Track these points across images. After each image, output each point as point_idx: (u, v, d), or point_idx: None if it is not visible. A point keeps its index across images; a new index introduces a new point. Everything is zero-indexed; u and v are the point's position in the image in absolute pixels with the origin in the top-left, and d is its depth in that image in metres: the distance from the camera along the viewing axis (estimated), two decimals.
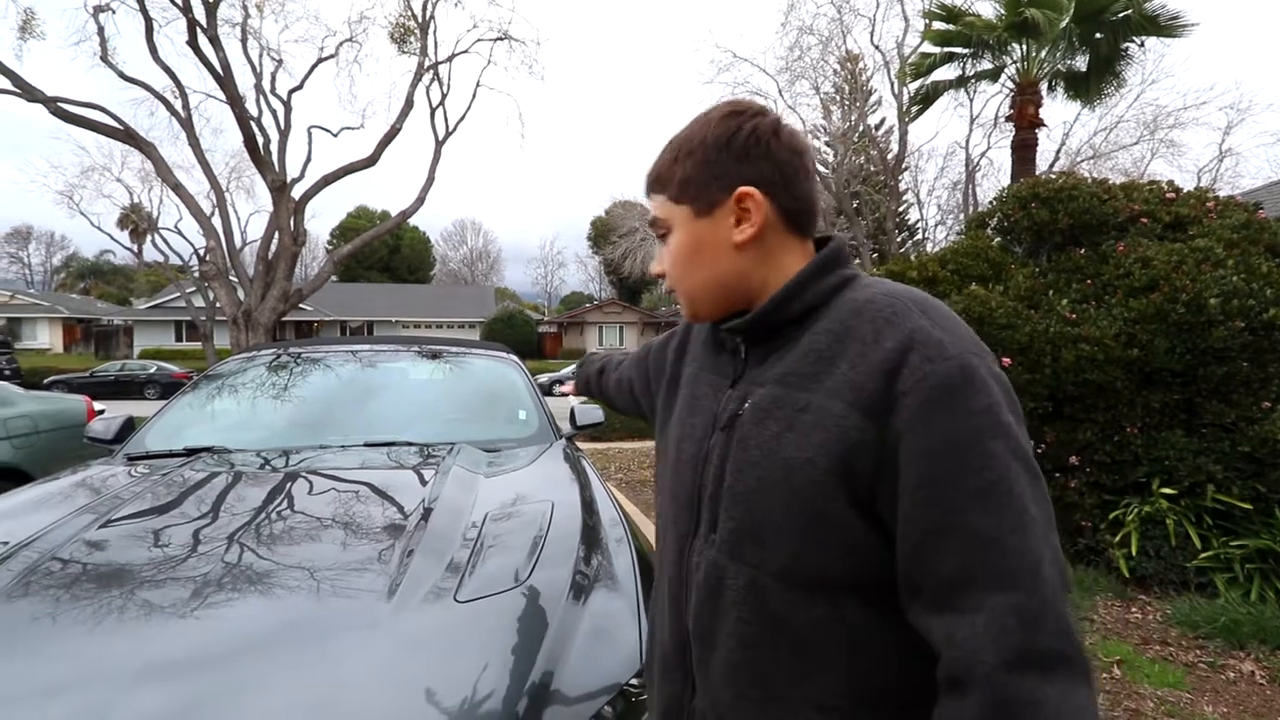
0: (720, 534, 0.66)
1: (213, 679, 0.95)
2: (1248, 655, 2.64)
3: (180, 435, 2.23)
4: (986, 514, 0.52)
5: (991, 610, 0.50)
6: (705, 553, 0.68)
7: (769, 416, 0.64)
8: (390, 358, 2.85)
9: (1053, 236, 4.09)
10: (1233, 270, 3.27)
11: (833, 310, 0.65)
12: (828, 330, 0.63)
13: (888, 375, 0.56)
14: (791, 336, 0.67)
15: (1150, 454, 3.33)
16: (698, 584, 0.68)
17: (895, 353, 0.57)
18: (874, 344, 0.58)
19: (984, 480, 0.52)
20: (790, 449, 0.60)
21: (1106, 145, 18.49)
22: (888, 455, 0.55)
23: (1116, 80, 9.65)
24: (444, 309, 36.36)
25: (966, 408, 0.54)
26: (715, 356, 0.78)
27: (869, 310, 0.61)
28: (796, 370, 0.63)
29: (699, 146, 0.69)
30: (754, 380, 0.68)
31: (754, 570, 0.63)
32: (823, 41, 16.83)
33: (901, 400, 0.55)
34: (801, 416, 0.60)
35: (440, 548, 1.31)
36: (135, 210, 23.89)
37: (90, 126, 9.61)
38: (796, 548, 0.60)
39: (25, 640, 1.03)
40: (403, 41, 12.51)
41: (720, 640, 0.66)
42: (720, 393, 0.72)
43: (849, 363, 0.59)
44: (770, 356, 0.68)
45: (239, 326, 9.78)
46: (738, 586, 0.64)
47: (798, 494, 0.59)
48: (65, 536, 1.35)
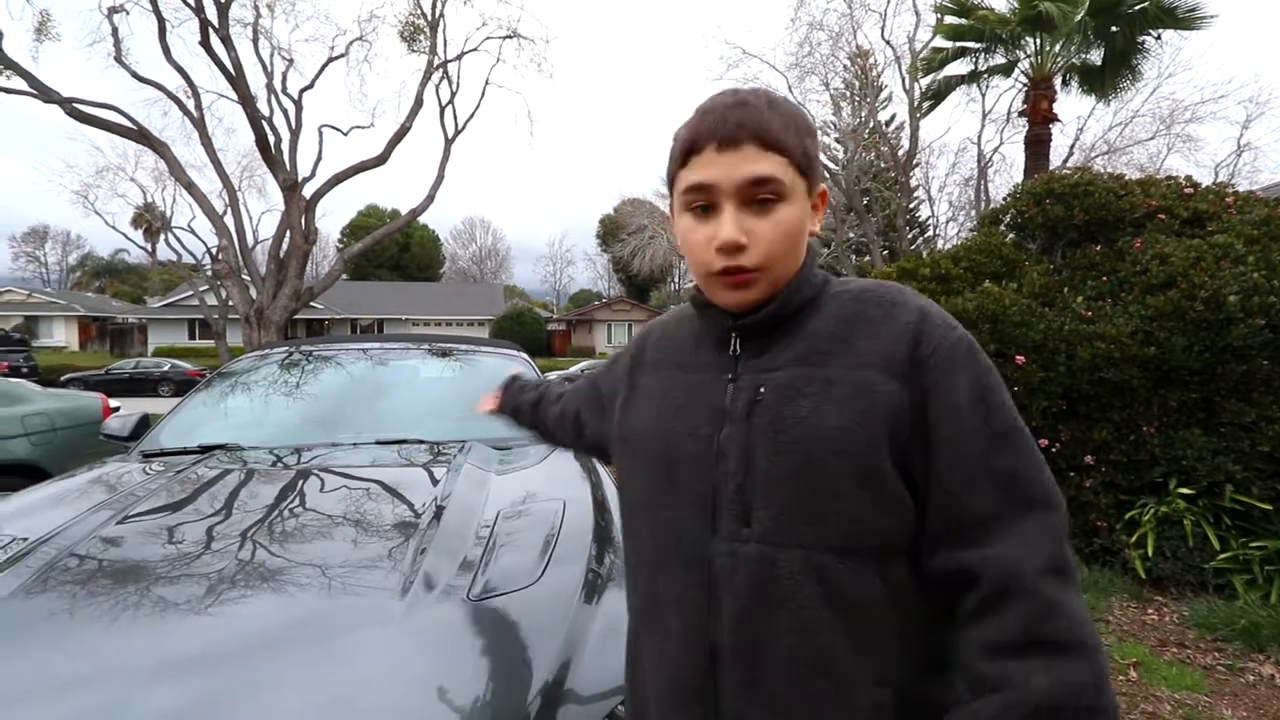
0: (759, 524, 0.63)
1: (228, 676, 0.95)
2: (1268, 658, 2.60)
3: (194, 433, 2.25)
4: (1016, 454, 0.61)
5: (1024, 531, 0.59)
6: (740, 550, 0.63)
7: (799, 394, 0.64)
8: (401, 355, 2.86)
9: (1068, 233, 4.04)
10: (1253, 267, 3.22)
11: (825, 302, 0.69)
12: (832, 317, 0.67)
13: (911, 343, 0.63)
14: (791, 327, 0.69)
15: (1167, 453, 3.28)
16: (735, 588, 0.63)
17: (913, 324, 0.64)
18: (888, 319, 0.65)
19: (1007, 424, 0.62)
20: (832, 419, 0.62)
21: (1121, 140, 18.26)
22: (919, 413, 0.62)
23: (1132, 74, 9.53)
24: (453, 307, 36.51)
25: (980, 366, 0.64)
26: (693, 353, 0.75)
27: (871, 296, 0.68)
28: (817, 349, 0.66)
29: (812, 130, 0.69)
30: (760, 368, 0.68)
31: (809, 551, 0.61)
32: (833, 37, 16.71)
33: (927, 362, 0.62)
34: (834, 389, 0.63)
35: (453, 545, 1.31)
36: (149, 209, 24.15)
37: (105, 127, 9.72)
38: (855, 512, 0.61)
39: (44, 636, 1.04)
40: (412, 40, 12.56)
41: (778, 637, 0.62)
42: (718, 386, 0.69)
43: (868, 338, 0.64)
44: (773, 347, 0.68)
45: (251, 325, 9.86)
46: (793, 573, 0.61)
47: (851, 459, 0.61)
48: (83, 533, 1.36)
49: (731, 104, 0.65)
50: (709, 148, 0.65)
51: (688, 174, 0.67)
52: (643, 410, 0.76)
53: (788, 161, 0.65)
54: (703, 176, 0.65)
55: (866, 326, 0.65)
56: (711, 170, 0.65)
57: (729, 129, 0.64)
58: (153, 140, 9.95)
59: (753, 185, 0.64)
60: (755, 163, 0.63)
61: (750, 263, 0.65)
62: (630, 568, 0.78)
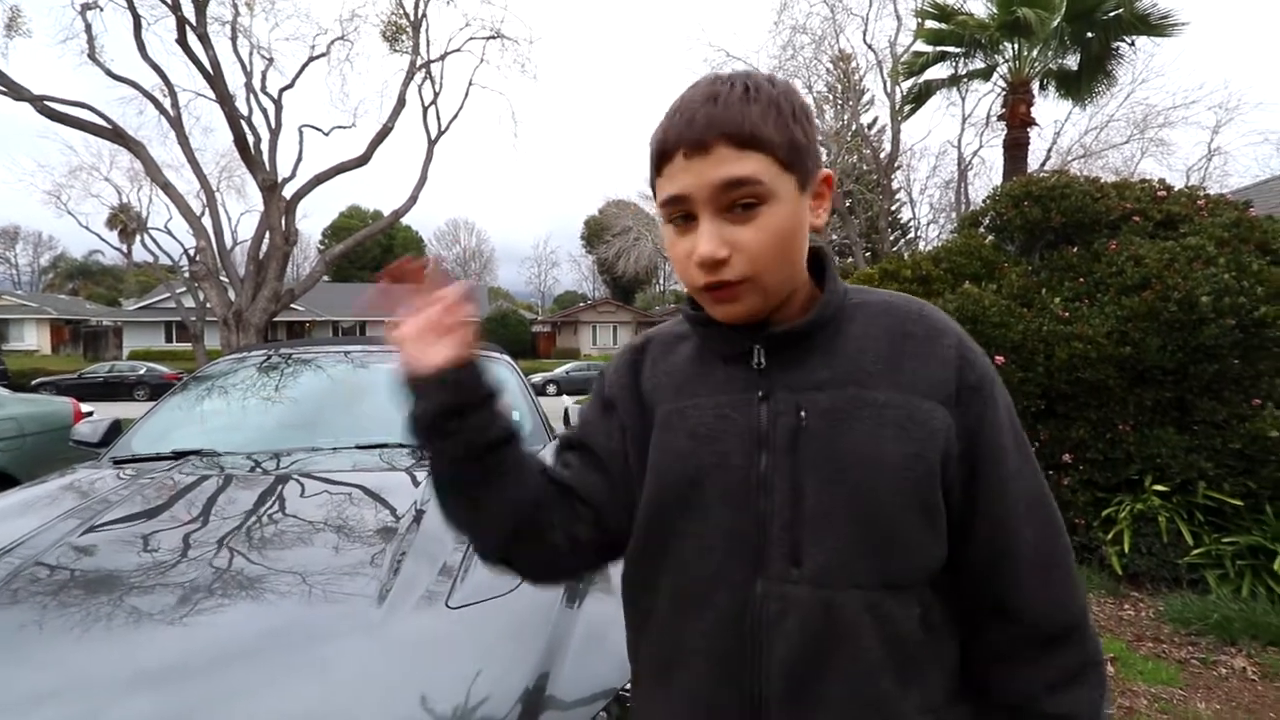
0: (811, 564, 0.58)
1: (201, 687, 0.93)
2: (1239, 651, 2.65)
3: (168, 438, 2.21)
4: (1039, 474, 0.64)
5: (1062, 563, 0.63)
6: (791, 592, 0.58)
7: (851, 419, 0.58)
8: (382, 358, 2.83)
9: (1045, 235, 4.11)
10: (1224, 268, 3.29)
11: (852, 313, 0.64)
12: (869, 333, 0.62)
13: (957, 370, 0.61)
14: (820, 339, 0.62)
15: (1142, 451, 3.34)
16: (786, 632, 0.57)
17: (954, 350, 0.61)
18: (932, 341, 0.62)
19: (1028, 450, 0.64)
20: (891, 444, 0.58)
21: (1097, 144, 18.60)
22: (964, 439, 0.60)
23: (1107, 79, 9.71)
24: None
25: (1006, 393, 0.64)
26: (702, 376, 0.66)
27: (902, 313, 0.64)
28: (861, 368, 0.60)
29: (802, 112, 0.59)
30: (796, 387, 0.60)
31: (866, 591, 0.57)
32: (815, 40, 16.85)
33: (971, 393, 0.60)
34: (888, 413, 0.59)
35: (433, 551, 1.29)
36: (124, 210, 23.72)
37: (78, 125, 9.52)
38: (913, 545, 0.59)
39: (9, 647, 1.01)
40: (395, 40, 12.46)
41: (835, 682, 0.57)
42: (749, 409, 0.61)
43: (914, 359, 0.61)
44: (804, 360, 0.62)
45: (230, 327, 9.71)
46: (854, 612, 0.57)
47: (911, 491, 0.58)
48: (50, 541, 1.33)
49: (702, 99, 0.57)
50: (678, 154, 0.58)
51: (662, 185, 0.60)
52: (661, 441, 0.65)
53: (768, 158, 0.56)
54: (675, 187, 0.58)
55: (910, 345, 0.61)
56: (683, 179, 0.58)
57: (696, 132, 0.56)
58: (128, 139, 9.77)
59: (727, 189, 0.56)
60: (728, 165, 0.56)
61: (734, 276, 0.58)
62: (635, 625, 0.69)
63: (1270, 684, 2.43)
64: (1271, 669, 2.51)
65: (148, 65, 10.13)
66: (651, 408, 0.67)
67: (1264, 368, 3.25)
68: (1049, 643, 0.61)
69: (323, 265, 12.01)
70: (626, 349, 0.75)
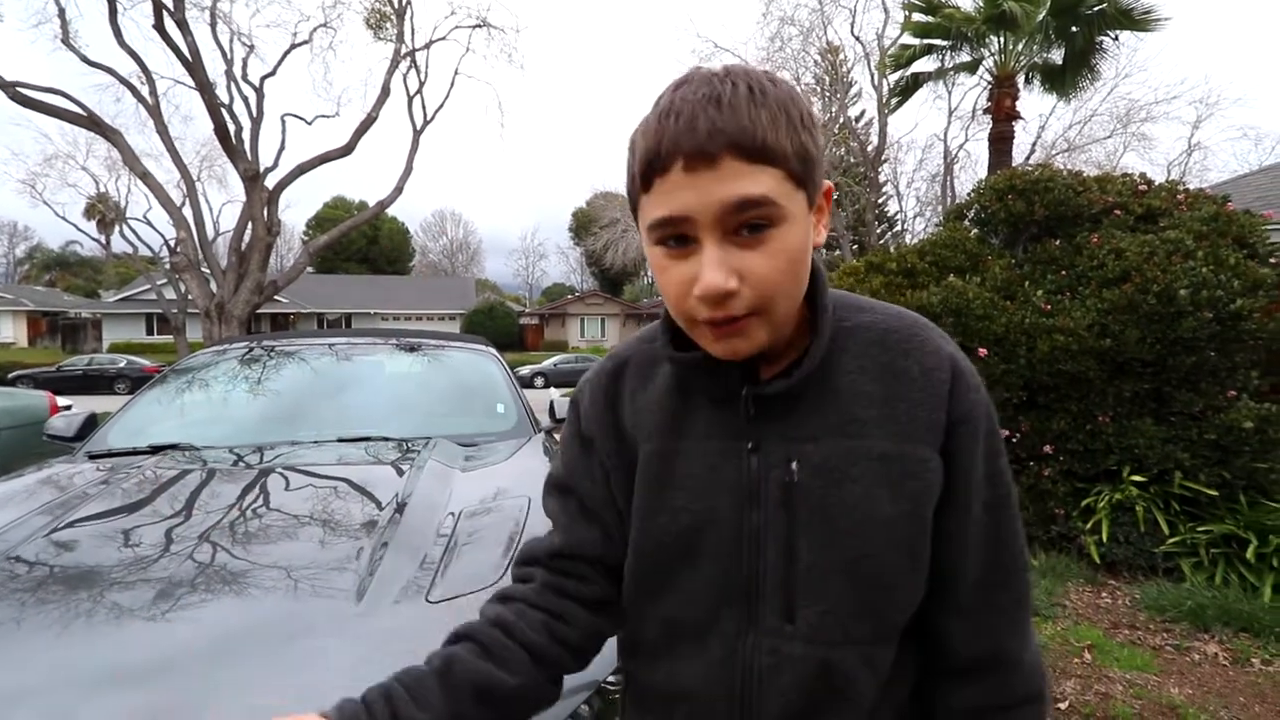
0: (804, 622, 0.56)
1: (177, 683, 0.92)
2: (1212, 637, 2.71)
3: (145, 432, 2.17)
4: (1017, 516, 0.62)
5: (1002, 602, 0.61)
6: (784, 648, 0.57)
7: (845, 477, 0.55)
8: (366, 351, 2.80)
9: (1029, 228, 4.14)
10: (1202, 262, 3.34)
11: (841, 339, 0.59)
12: (862, 369, 0.57)
13: (946, 408, 0.57)
14: (811, 377, 0.57)
15: (1121, 442, 3.40)
16: (781, 688, 0.57)
17: (946, 385, 0.57)
18: (925, 378, 0.57)
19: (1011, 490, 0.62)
20: (887, 504, 0.55)
21: (1081, 138, 18.78)
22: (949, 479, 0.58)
23: (1091, 74, 9.80)
24: (424, 301, 35.98)
25: (997, 427, 0.61)
26: (686, 415, 0.61)
27: (895, 342, 0.58)
28: (856, 417, 0.56)
29: (812, 118, 0.52)
30: (789, 436, 0.57)
31: (861, 647, 0.57)
32: (804, 32, 16.83)
33: (959, 428, 0.57)
34: (883, 467, 0.55)
35: (413, 545, 1.28)
36: (102, 200, 23.27)
37: (52, 113, 9.30)
38: (908, 599, 0.58)
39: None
40: (379, 28, 12.28)
41: None
42: (736, 459, 0.58)
43: (909, 402, 0.56)
44: (794, 404, 0.57)
45: (212, 319, 9.58)
46: (851, 668, 0.57)
47: (906, 547, 0.56)
48: (21, 537, 1.30)
49: (702, 101, 0.48)
50: (675, 166, 0.49)
51: (652, 203, 0.51)
52: (651, 494, 0.61)
53: (781, 173, 0.49)
54: (672, 208, 0.50)
55: (904, 386, 0.57)
56: (682, 197, 0.49)
57: (699, 140, 0.48)
58: (104, 127, 9.56)
59: (738, 211, 0.48)
60: (738, 182, 0.48)
61: (743, 309, 0.50)
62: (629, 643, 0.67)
63: (1241, 669, 2.49)
64: (1242, 654, 2.57)
65: (124, 51, 9.91)
66: (633, 444, 0.63)
67: (1239, 360, 3.31)
68: (978, 671, 0.61)
69: (307, 256, 11.84)
70: (600, 377, 0.68)
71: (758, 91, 0.49)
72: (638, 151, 0.52)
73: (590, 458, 0.66)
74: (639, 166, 0.51)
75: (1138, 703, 2.25)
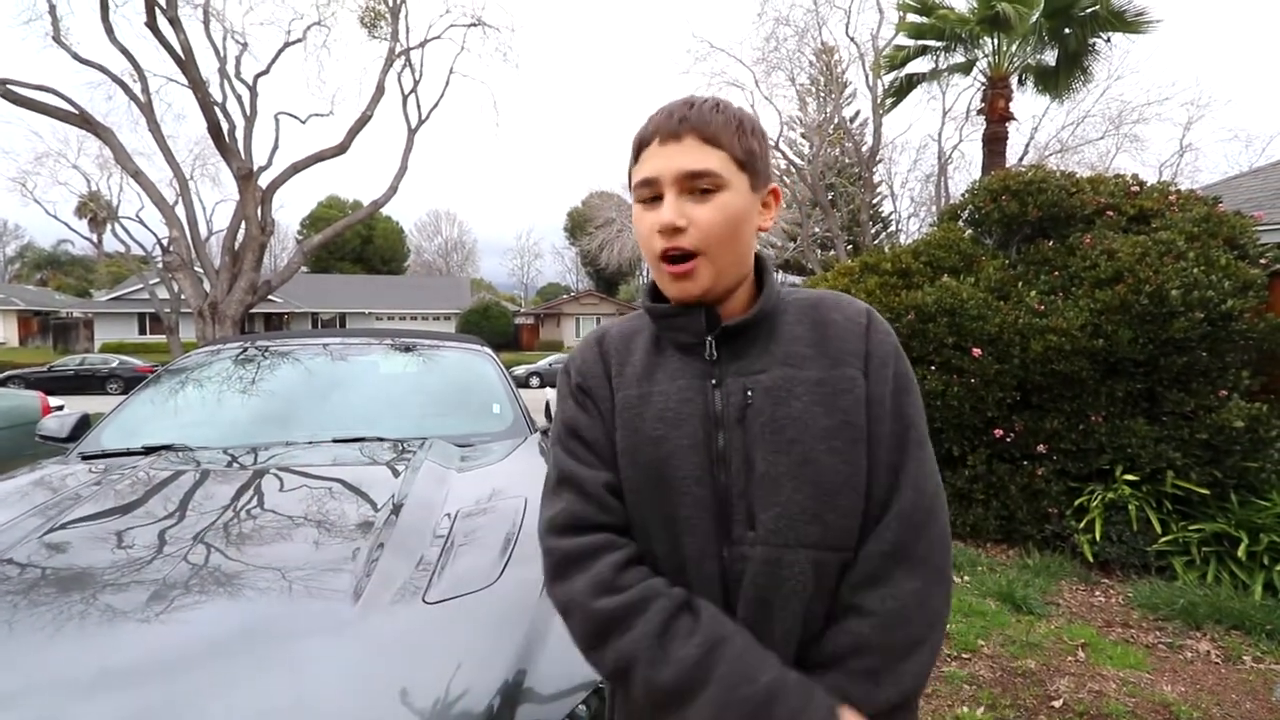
0: (762, 527, 0.67)
1: (171, 686, 0.91)
2: (1204, 635, 2.73)
3: (139, 432, 2.16)
4: (922, 416, 0.73)
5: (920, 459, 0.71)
6: (747, 553, 0.68)
7: (789, 395, 0.69)
8: (361, 351, 2.79)
9: (1022, 229, 4.17)
10: (1193, 263, 3.37)
11: (785, 308, 0.76)
12: (799, 322, 0.74)
13: (865, 339, 0.73)
14: (762, 331, 0.74)
15: (1114, 442, 3.42)
16: (744, 588, 0.68)
17: (864, 326, 0.73)
18: (848, 321, 0.73)
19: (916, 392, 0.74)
20: (823, 417, 0.68)
21: (1073, 139, 18.86)
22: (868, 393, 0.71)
23: (1084, 75, 9.85)
24: (418, 300, 35.85)
25: (900, 352, 0.75)
26: (662, 365, 0.75)
27: (827, 303, 0.76)
28: (798, 353, 0.71)
29: (761, 132, 0.74)
30: (743, 372, 0.71)
31: (811, 550, 0.67)
32: (799, 33, 16.85)
33: (871, 359, 0.72)
34: (819, 389, 0.69)
35: (410, 546, 1.28)
36: (94, 198, 23.09)
37: (43, 110, 9.22)
38: (850, 505, 0.68)
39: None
40: (373, 26, 12.22)
41: (778, 627, 0.67)
42: (703, 394, 0.72)
43: (836, 339, 0.72)
44: (747, 351, 0.73)
45: (205, 319, 9.52)
46: (798, 571, 0.67)
47: (844, 453, 0.68)
48: (14, 539, 1.29)
49: (681, 104, 0.72)
50: (654, 142, 0.71)
51: (638, 170, 0.73)
52: (629, 423, 0.73)
53: (726, 155, 0.70)
54: (648, 170, 0.71)
55: (832, 329, 0.73)
56: (655, 163, 0.70)
57: (672, 124, 0.70)
58: (96, 125, 9.48)
59: (691, 177, 0.69)
60: (693, 154, 0.69)
61: (689, 244, 0.69)
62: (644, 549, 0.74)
63: (1232, 667, 2.51)
64: (1234, 652, 2.59)
65: (116, 49, 9.83)
66: (615, 392, 0.76)
67: (1230, 360, 3.33)
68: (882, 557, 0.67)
69: (301, 256, 11.77)
70: (588, 343, 0.83)
71: (719, 105, 0.72)
72: (635, 137, 0.74)
73: (589, 411, 0.77)
74: (634, 144, 0.74)
75: (1131, 700, 2.27)
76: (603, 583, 0.67)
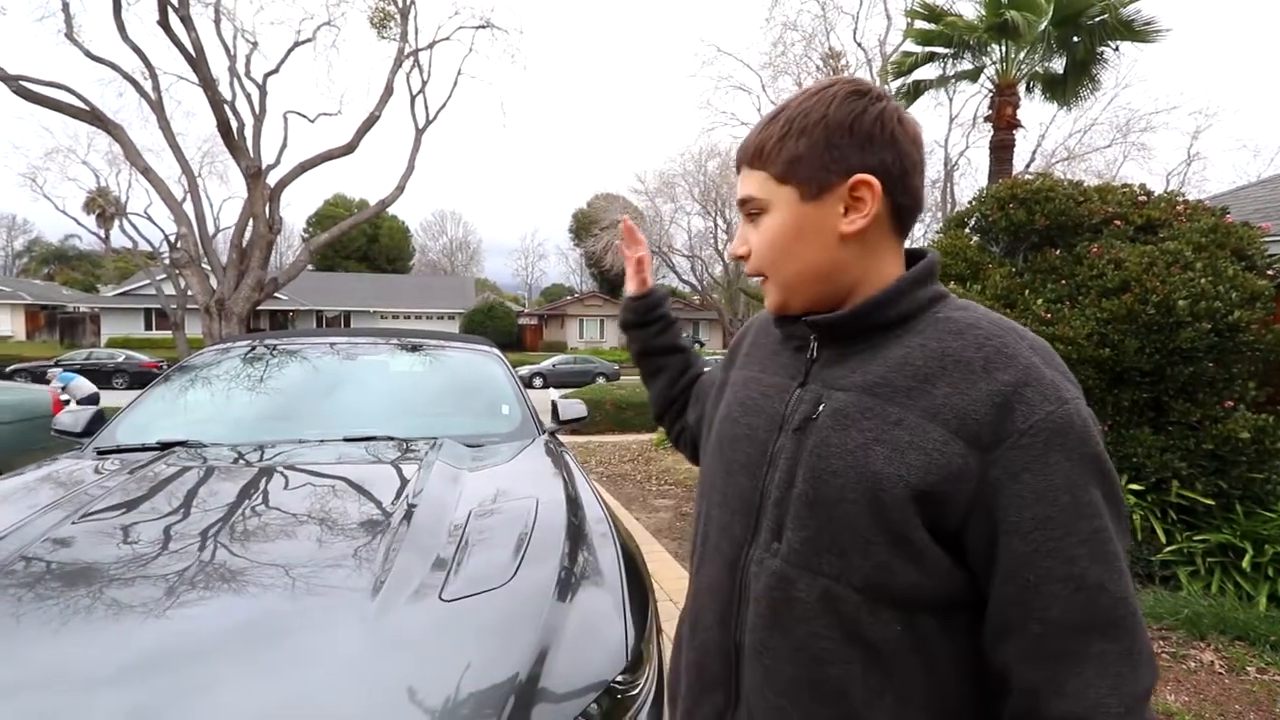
0: (787, 544, 0.63)
1: (189, 679, 0.93)
2: (1208, 645, 2.73)
3: (152, 429, 2.18)
4: (1095, 562, 0.53)
5: (1103, 657, 0.52)
6: (767, 563, 0.64)
7: (853, 425, 0.60)
8: (369, 350, 2.81)
9: (1029, 237, 4.17)
10: (1201, 273, 3.37)
11: (925, 325, 0.63)
12: (924, 346, 0.61)
13: (1000, 409, 0.55)
14: (876, 343, 0.64)
15: (1119, 451, 3.42)
16: (756, 596, 0.64)
17: (1009, 387, 0.55)
18: (983, 373, 0.57)
19: (1094, 527, 0.53)
20: (880, 462, 0.57)
21: (1081, 147, 18.87)
22: (989, 489, 0.54)
23: (1092, 83, 9.84)
24: (423, 300, 35.93)
25: (1082, 453, 0.54)
26: (774, 355, 0.75)
27: (974, 335, 0.59)
28: (890, 382, 0.60)
29: (817, 125, 0.64)
30: (829, 382, 0.65)
31: (830, 582, 0.60)
32: (806, 38, 16.90)
33: (1017, 439, 0.54)
34: (893, 431, 0.58)
35: (425, 544, 1.29)
36: (102, 194, 23.23)
37: (55, 107, 9.29)
38: (881, 559, 0.58)
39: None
40: (382, 26, 12.30)
41: (786, 655, 0.62)
42: (785, 392, 0.69)
43: (951, 386, 0.57)
44: (848, 359, 0.65)
45: (212, 315, 9.57)
46: (810, 599, 0.61)
47: (885, 511, 0.57)
48: (35, 534, 1.31)
49: (754, 127, 0.71)
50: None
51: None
52: (723, 403, 0.78)
53: (765, 175, 0.67)
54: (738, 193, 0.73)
55: (956, 371, 0.58)
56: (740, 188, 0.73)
57: (738, 154, 0.72)
58: (106, 122, 9.56)
59: (743, 204, 0.70)
60: (743, 181, 0.70)
61: (750, 269, 0.71)
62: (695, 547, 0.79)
63: (1236, 677, 2.51)
64: (1238, 663, 2.59)
65: (128, 46, 9.91)
66: (733, 368, 0.82)
67: (1237, 370, 3.33)
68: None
69: (307, 254, 11.83)
70: (748, 324, 0.88)
71: (774, 114, 0.68)
72: None
73: (720, 366, 0.87)
74: None
75: None
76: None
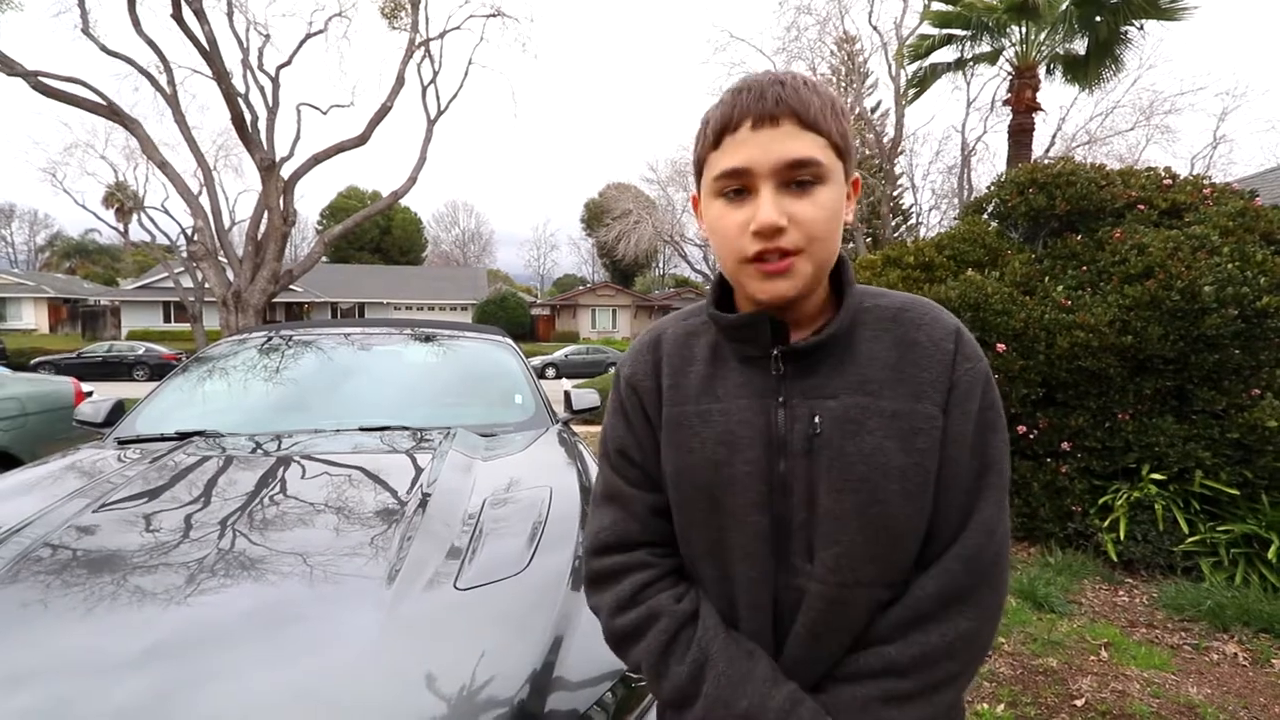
0: (821, 564, 0.63)
1: (208, 664, 0.94)
2: (1231, 637, 2.69)
3: (171, 419, 2.21)
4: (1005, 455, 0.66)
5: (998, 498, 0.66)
6: (805, 585, 0.64)
7: (861, 428, 0.63)
8: (383, 340, 2.83)
9: (1049, 222, 4.09)
10: (1228, 258, 3.28)
11: (863, 317, 0.68)
12: (877, 338, 0.66)
13: (948, 370, 0.65)
14: (834, 347, 0.66)
15: (1141, 440, 3.36)
16: (800, 616, 0.65)
17: (951, 353, 0.65)
18: (936, 346, 0.65)
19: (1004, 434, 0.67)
20: (899, 457, 0.62)
21: (1102, 130, 18.47)
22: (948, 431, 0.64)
23: (1115, 64, 9.60)
24: (436, 291, 36.12)
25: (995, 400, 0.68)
26: (724, 378, 0.68)
27: (912, 318, 0.67)
28: (871, 378, 0.64)
29: (845, 113, 0.65)
30: (809, 394, 0.65)
31: (871, 589, 0.63)
32: (820, 22, 16.65)
33: (958, 388, 0.64)
34: (895, 423, 0.63)
35: (440, 533, 1.30)
36: (120, 188, 23.53)
37: (72, 102, 9.39)
38: (914, 546, 0.64)
39: (17, 627, 1.02)
40: (393, 17, 12.28)
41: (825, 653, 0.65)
42: (765, 414, 0.65)
43: (918, 366, 0.65)
44: (817, 368, 0.65)
45: (228, 308, 9.68)
46: (857, 609, 0.64)
47: (914, 497, 0.62)
48: (57, 522, 1.33)
49: (770, 81, 0.62)
50: (744, 125, 0.61)
51: (720, 157, 0.63)
52: (684, 443, 0.69)
53: (826, 142, 0.61)
54: (737, 159, 0.61)
55: (914, 354, 0.65)
56: (747, 150, 0.61)
57: (768, 105, 0.60)
58: (123, 117, 9.64)
59: (791, 168, 0.60)
60: (795, 141, 0.60)
61: (790, 244, 0.61)
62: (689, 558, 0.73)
63: (1260, 670, 2.47)
64: (1262, 655, 2.55)
65: (143, 40, 9.98)
66: (667, 406, 0.71)
67: (1264, 358, 3.25)
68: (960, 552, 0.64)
69: (321, 246, 11.90)
70: (644, 348, 0.76)
71: (811, 83, 0.63)
72: (711, 119, 0.64)
73: (638, 424, 0.73)
74: (712, 127, 0.64)
75: (1155, 701, 2.24)
76: (621, 601, 0.70)
